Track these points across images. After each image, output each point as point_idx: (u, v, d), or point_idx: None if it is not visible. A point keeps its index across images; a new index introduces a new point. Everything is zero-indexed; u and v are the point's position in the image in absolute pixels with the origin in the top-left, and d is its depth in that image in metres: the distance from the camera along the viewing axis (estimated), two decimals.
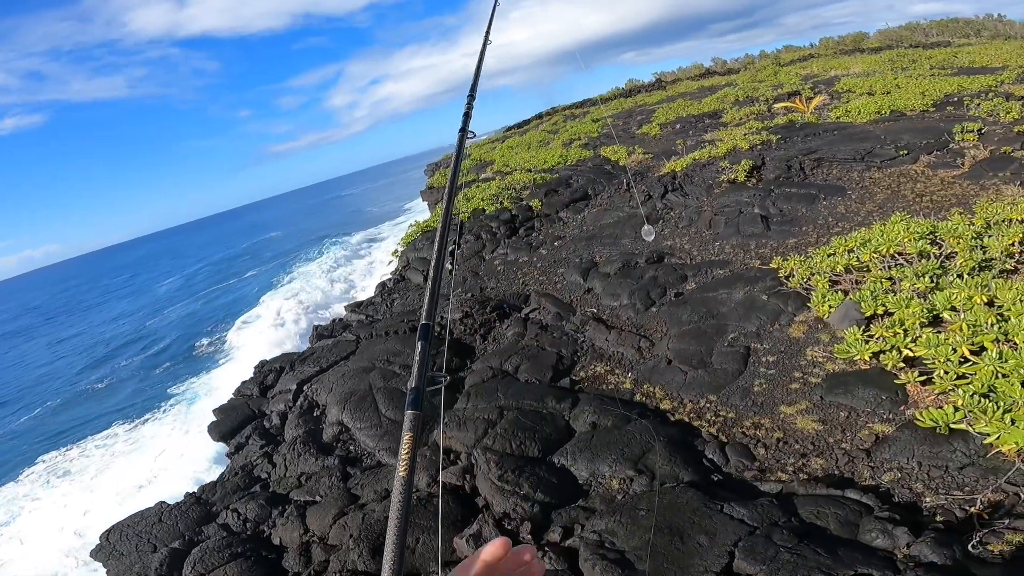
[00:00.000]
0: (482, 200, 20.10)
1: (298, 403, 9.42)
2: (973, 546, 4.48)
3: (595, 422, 7.35)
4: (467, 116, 3.25)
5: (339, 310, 18.32)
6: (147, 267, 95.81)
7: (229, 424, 9.73)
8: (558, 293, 12.25)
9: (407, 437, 1.17)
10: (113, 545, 7.32)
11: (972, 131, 15.58)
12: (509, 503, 6.08)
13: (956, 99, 20.09)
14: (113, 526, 7.63)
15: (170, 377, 23.32)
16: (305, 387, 9.68)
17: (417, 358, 1.43)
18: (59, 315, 63.56)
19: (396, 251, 18.75)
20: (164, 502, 7.92)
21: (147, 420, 18.12)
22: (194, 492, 8.15)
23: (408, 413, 1.22)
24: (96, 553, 7.37)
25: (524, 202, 19.38)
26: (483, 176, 27.27)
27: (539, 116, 56.43)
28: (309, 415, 9.10)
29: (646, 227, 5.14)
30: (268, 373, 10.60)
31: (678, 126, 27.30)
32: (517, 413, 7.63)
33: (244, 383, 10.80)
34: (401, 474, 1.09)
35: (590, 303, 11.54)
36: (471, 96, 3.47)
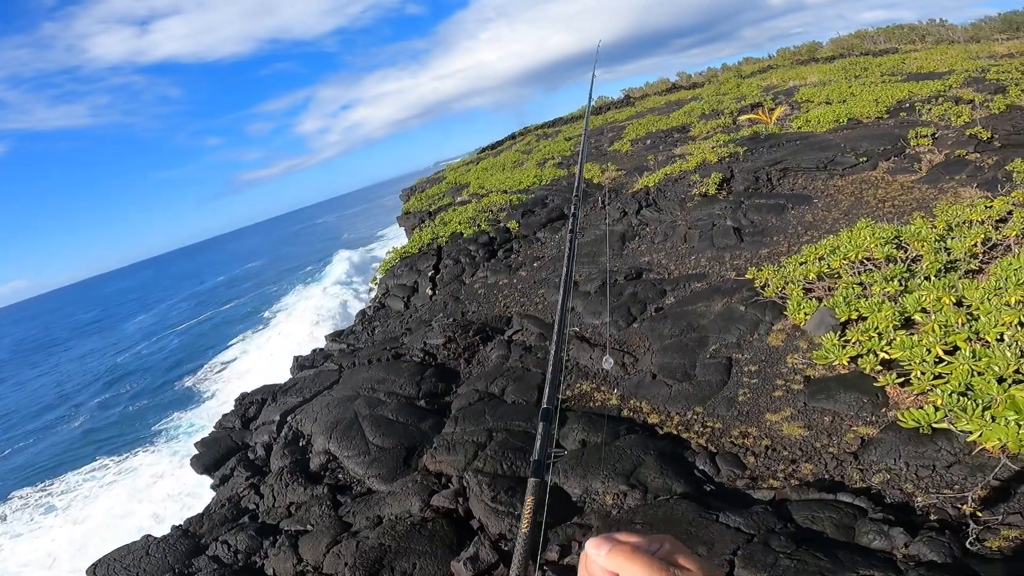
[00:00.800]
0: (459, 224, 20.12)
1: (282, 434, 9.18)
2: (971, 543, 4.49)
3: (584, 439, 7.31)
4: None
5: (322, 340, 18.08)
6: (120, 302, 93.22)
7: (212, 456, 9.45)
8: (540, 314, 12.25)
9: (529, 500, 1.36)
10: None
11: (926, 136, 16.16)
12: (504, 524, 5.99)
13: (908, 105, 20.86)
14: (99, 560, 7.31)
15: (149, 413, 22.69)
16: (289, 418, 9.44)
17: (539, 436, 1.70)
18: (31, 353, 61.52)
19: (375, 278, 18.60)
20: (150, 535, 7.61)
21: (126, 457, 17.66)
22: (181, 525, 7.86)
23: (530, 481, 1.43)
24: None
25: (501, 224, 19.45)
26: (459, 199, 27.32)
27: (512, 136, 56.98)
28: (295, 445, 8.88)
29: (606, 357, 5.51)
30: (250, 405, 10.34)
31: (648, 141, 27.81)
32: (506, 434, 7.56)
33: (225, 416, 10.51)
34: (523, 531, 1.28)
35: (572, 322, 11.56)
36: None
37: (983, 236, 9.68)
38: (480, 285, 14.97)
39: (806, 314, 8.93)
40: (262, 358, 23.22)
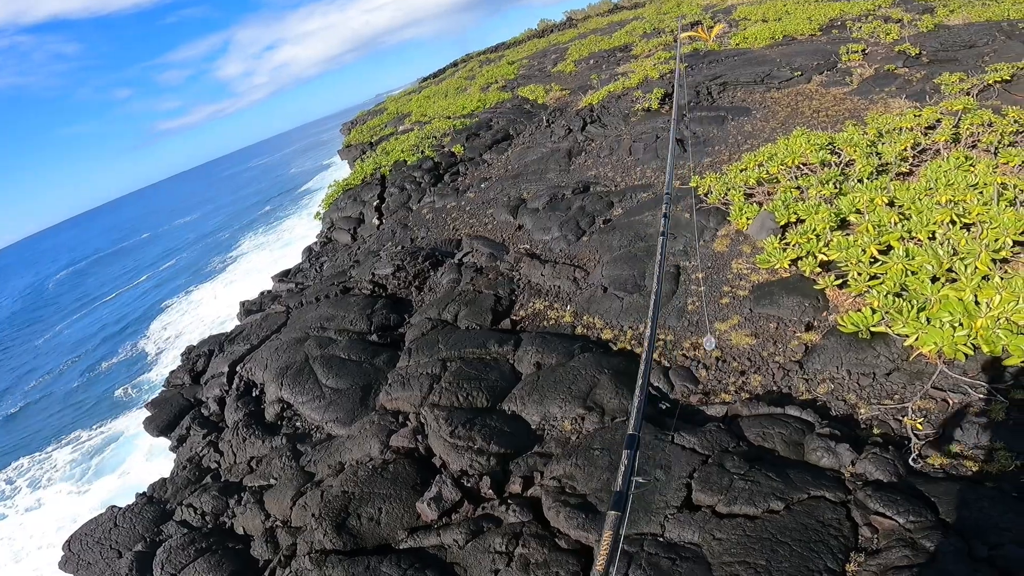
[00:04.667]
0: (402, 152, 18.65)
1: (234, 385, 8.41)
2: (913, 460, 4.30)
3: (539, 362, 6.89)
4: None
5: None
6: (44, 263, 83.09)
7: (165, 417, 8.59)
8: (489, 233, 11.55)
9: (607, 534, 1.25)
10: (78, 555, 6.51)
11: (857, 52, 15.70)
12: (465, 459, 5.59)
13: (839, 23, 20.22)
14: (72, 535, 6.81)
15: (97, 383, 20.77)
16: (238, 367, 8.62)
17: (623, 465, 1.55)
18: None
19: (318, 213, 17.15)
20: (115, 506, 7.01)
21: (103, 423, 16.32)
22: (144, 492, 7.21)
23: (610, 514, 1.30)
24: (64, 564, 6.55)
25: (446, 148, 18.12)
26: (401, 128, 25.42)
27: (454, 64, 53.31)
28: (248, 396, 8.16)
29: (708, 337, 4.99)
30: (197, 359, 9.39)
31: (592, 61, 26.30)
32: (460, 363, 7.04)
33: (173, 372, 9.57)
34: (598, 569, 1.21)
35: (522, 239, 10.96)
36: None
37: (913, 141, 9.40)
38: (428, 210, 13.99)
39: (748, 219, 8.58)
40: (201, 317, 21.62)
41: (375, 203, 14.92)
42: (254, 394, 8.08)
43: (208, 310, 22.68)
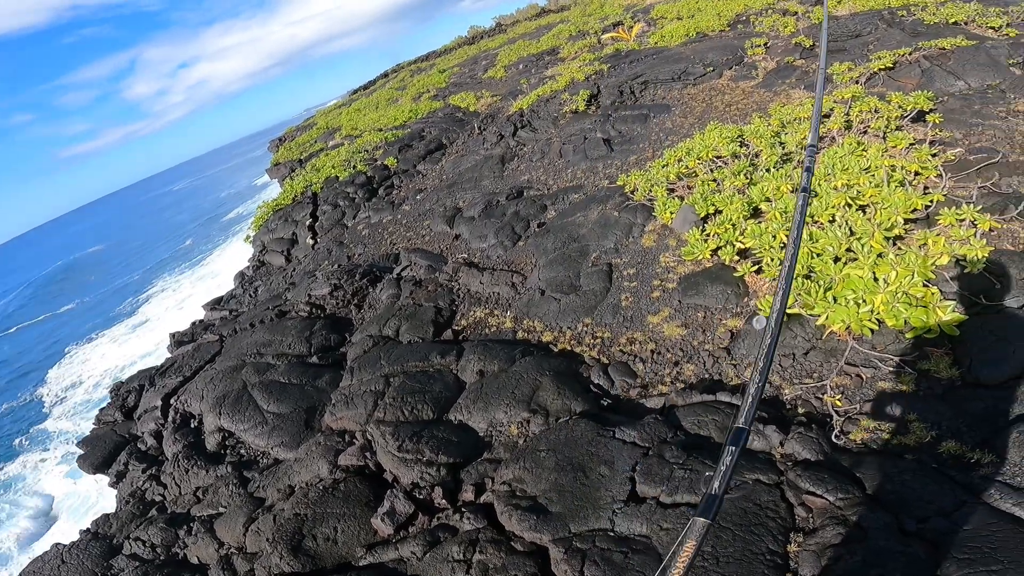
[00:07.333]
0: (333, 167, 18.08)
1: (169, 418, 7.94)
2: (836, 436, 4.46)
3: (482, 369, 6.90)
4: None
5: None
6: None
7: (100, 454, 8.09)
8: (427, 245, 11.47)
9: (690, 543, 1.14)
10: None
11: (760, 46, 16.58)
12: (415, 472, 5.53)
13: (744, 18, 21.29)
14: (22, 572, 6.48)
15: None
16: (172, 400, 8.14)
17: (724, 465, 1.32)
18: None
19: (248, 236, 16.38)
20: (59, 543, 6.69)
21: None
22: (89, 528, 6.86)
23: (698, 521, 1.18)
24: None
25: (379, 162, 17.78)
26: (332, 143, 24.71)
27: (385, 75, 52.46)
28: (186, 428, 7.73)
29: (757, 317, 4.92)
30: (127, 394, 8.80)
31: (521, 66, 26.58)
32: (404, 378, 6.96)
33: (103, 409, 8.93)
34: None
35: (460, 249, 10.93)
36: None
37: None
38: (363, 226, 13.70)
39: (671, 213, 8.94)
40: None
41: (308, 222, 14.44)
42: (192, 425, 7.68)
43: (117, 354, 21.32)
